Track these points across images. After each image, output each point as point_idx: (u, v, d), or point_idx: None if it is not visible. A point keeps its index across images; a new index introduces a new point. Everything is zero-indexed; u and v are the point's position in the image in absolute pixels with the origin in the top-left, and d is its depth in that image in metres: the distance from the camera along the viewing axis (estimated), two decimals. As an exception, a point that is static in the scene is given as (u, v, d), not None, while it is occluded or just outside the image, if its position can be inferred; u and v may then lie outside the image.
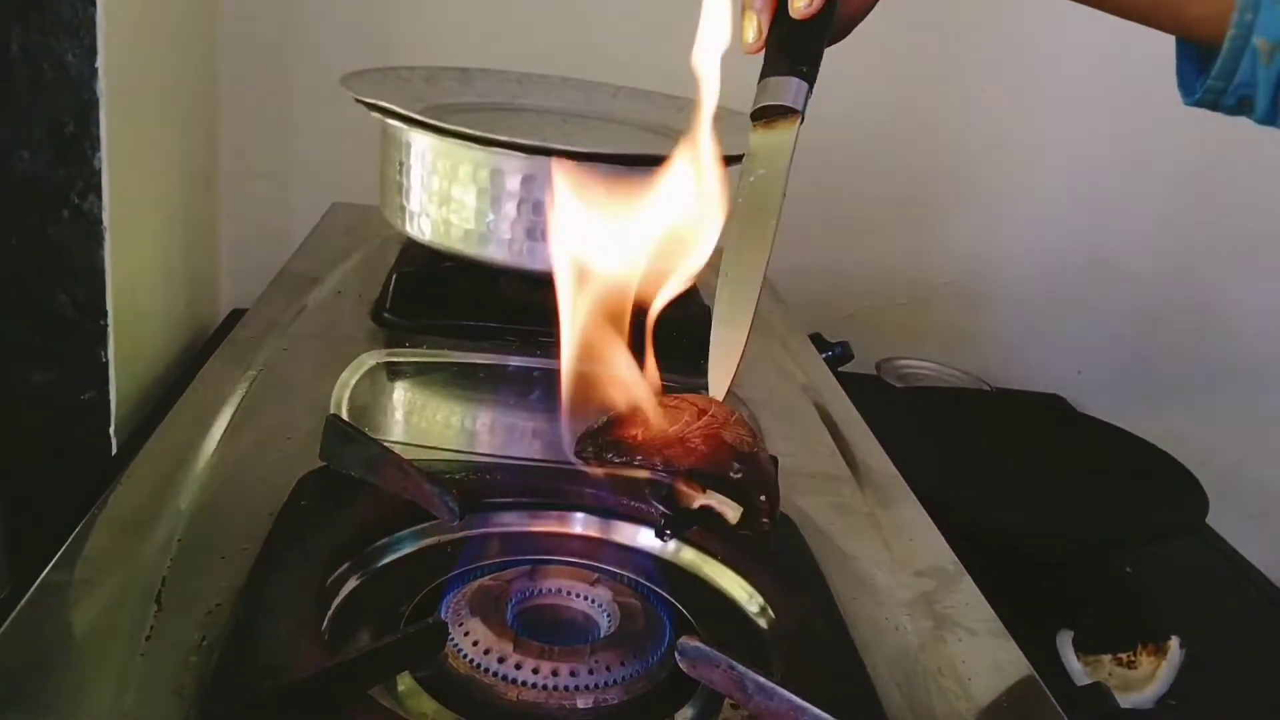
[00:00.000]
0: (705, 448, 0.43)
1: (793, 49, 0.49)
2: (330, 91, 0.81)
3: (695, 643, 0.43)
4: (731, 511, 0.45)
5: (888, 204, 1.26)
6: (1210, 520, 0.89)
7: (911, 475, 0.70)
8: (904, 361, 1.22)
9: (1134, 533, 0.87)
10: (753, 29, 0.51)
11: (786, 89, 0.48)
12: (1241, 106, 0.53)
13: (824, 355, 0.91)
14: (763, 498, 0.44)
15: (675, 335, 0.47)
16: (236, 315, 0.91)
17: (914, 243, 1.29)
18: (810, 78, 0.49)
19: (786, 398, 0.78)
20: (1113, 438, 1.00)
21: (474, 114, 0.87)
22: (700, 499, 0.45)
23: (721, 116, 0.94)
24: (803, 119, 0.48)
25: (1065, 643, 0.73)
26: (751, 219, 0.48)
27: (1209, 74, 0.53)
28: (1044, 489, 0.93)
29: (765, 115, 0.49)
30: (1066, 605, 0.80)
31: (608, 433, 0.45)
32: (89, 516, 0.51)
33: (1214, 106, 0.54)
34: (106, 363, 0.82)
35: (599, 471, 0.46)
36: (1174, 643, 0.72)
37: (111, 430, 0.83)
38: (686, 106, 0.93)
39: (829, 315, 1.14)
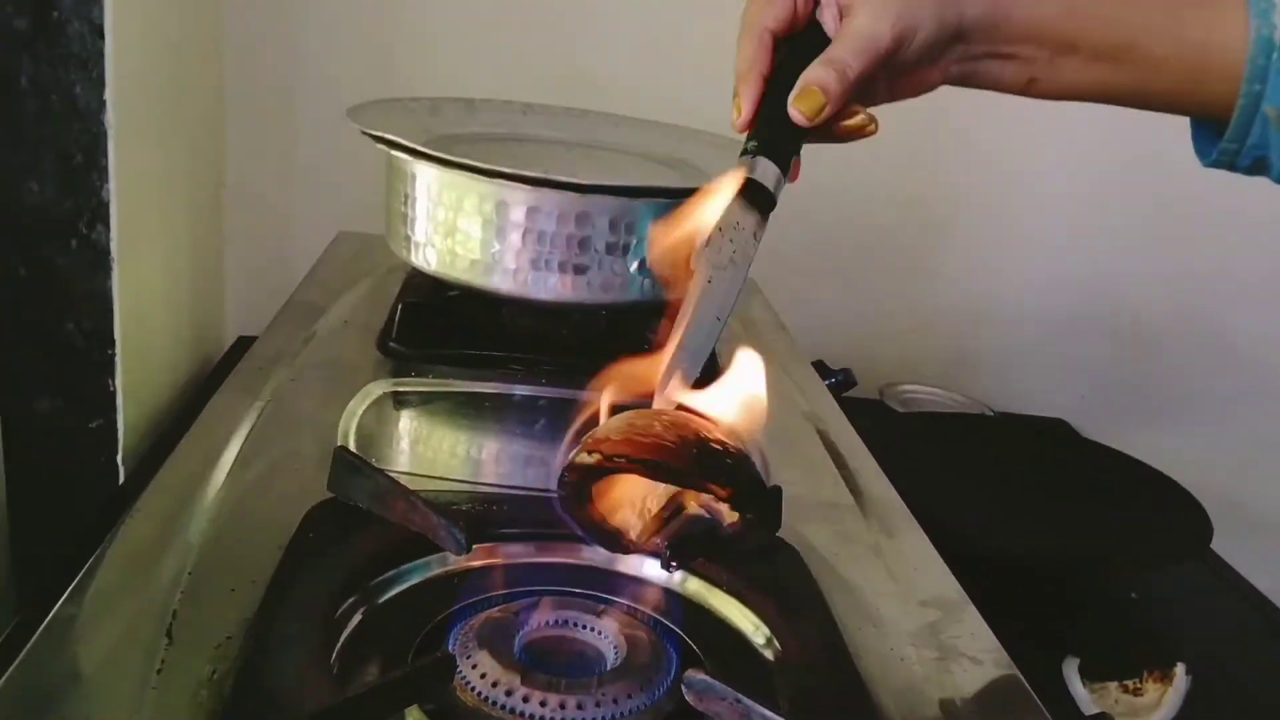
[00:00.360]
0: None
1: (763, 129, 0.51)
2: (335, 122, 0.82)
3: (701, 676, 0.44)
4: (726, 513, 0.45)
5: (889, 230, 1.27)
6: (1214, 545, 0.89)
7: (914, 501, 0.70)
8: (907, 386, 1.22)
9: (1137, 558, 0.87)
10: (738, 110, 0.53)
11: (754, 166, 0.49)
12: (1257, 168, 0.55)
13: (827, 382, 0.91)
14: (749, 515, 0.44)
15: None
16: (243, 342, 0.92)
17: (916, 267, 1.30)
18: (773, 155, 0.50)
19: (789, 425, 0.78)
20: (1116, 462, 1.01)
21: (479, 145, 0.87)
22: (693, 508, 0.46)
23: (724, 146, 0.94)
24: (761, 191, 0.49)
25: (1071, 670, 0.73)
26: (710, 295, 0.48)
27: (1223, 138, 0.54)
28: (1047, 514, 0.93)
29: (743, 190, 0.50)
30: (1072, 632, 0.80)
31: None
32: (100, 550, 0.51)
33: (1230, 168, 0.55)
34: (114, 391, 0.82)
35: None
36: (1179, 670, 0.72)
37: (119, 458, 0.84)
38: (689, 136, 0.94)
39: (831, 341, 1.14)
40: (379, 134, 0.77)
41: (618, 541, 0.47)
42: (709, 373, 0.46)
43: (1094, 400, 1.32)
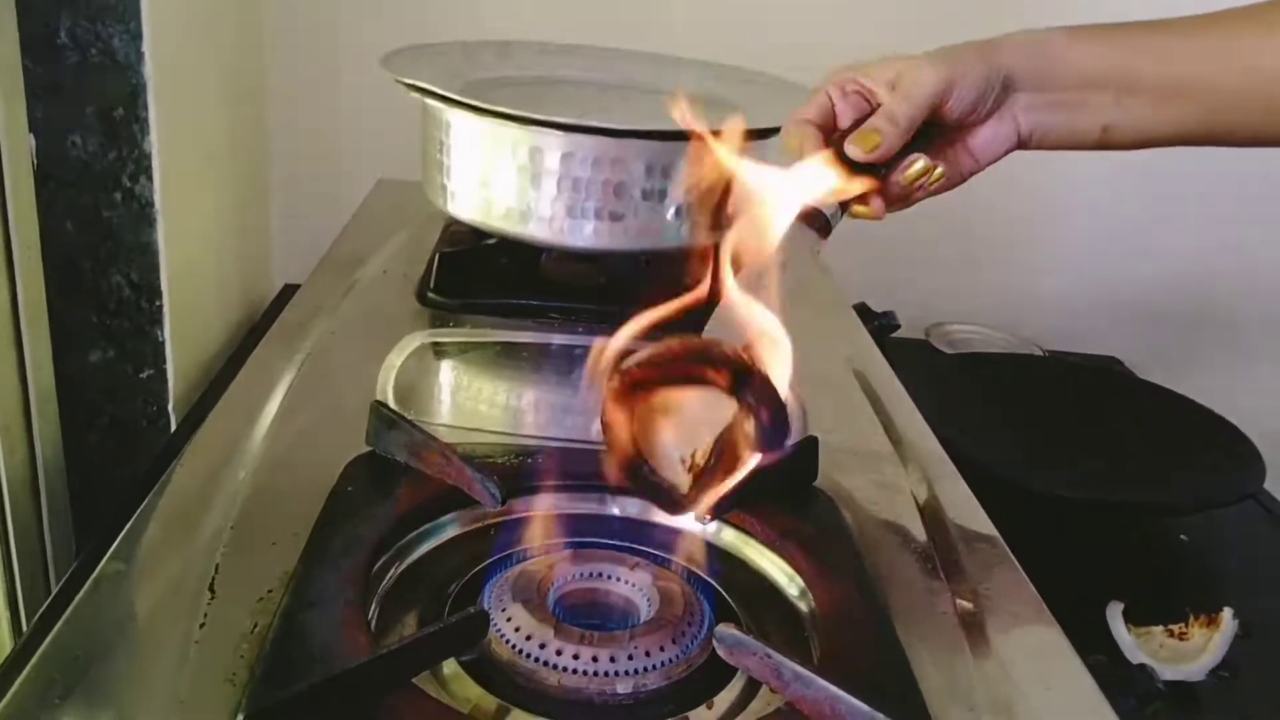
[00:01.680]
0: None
1: None
2: (375, 68, 0.81)
3: (732, 630, 0.44)
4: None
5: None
6: (1270, 485, 0.88)
7: (961, 443, 0.69)
8: (954, 326, 1.20)
9: (1187, 500, 0.86)
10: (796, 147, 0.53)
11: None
12: None
13: (870, 326, 0.90)
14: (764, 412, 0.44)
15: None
16: (290, 289, 0.92)
17: (963, 203, 1.26)
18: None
19: (829, 371, 0.77)
20: (1168, 402, 0.99)
21: (513, 89, 0.86)
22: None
23: (779, 87, 0.92)
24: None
25: (1115, 615, 0.72)
26: None
27: None
28: (1096, 456, 0.92)
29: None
30: (1119, 575, 0.79)
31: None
32: (144, 505, 0.52)
33: None
34: (163, 341, 0.84)
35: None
36: (1226, 614, 0.71)
37: (170, 407, 0.86)
38: (729, 74, 0.92)
39: (877, 281, 1.12)
40: (412, 81, 0.76)
41: (669, 498, 0.47)
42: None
43: (1148, 338, 1.29)
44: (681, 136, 0.75)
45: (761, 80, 0.91)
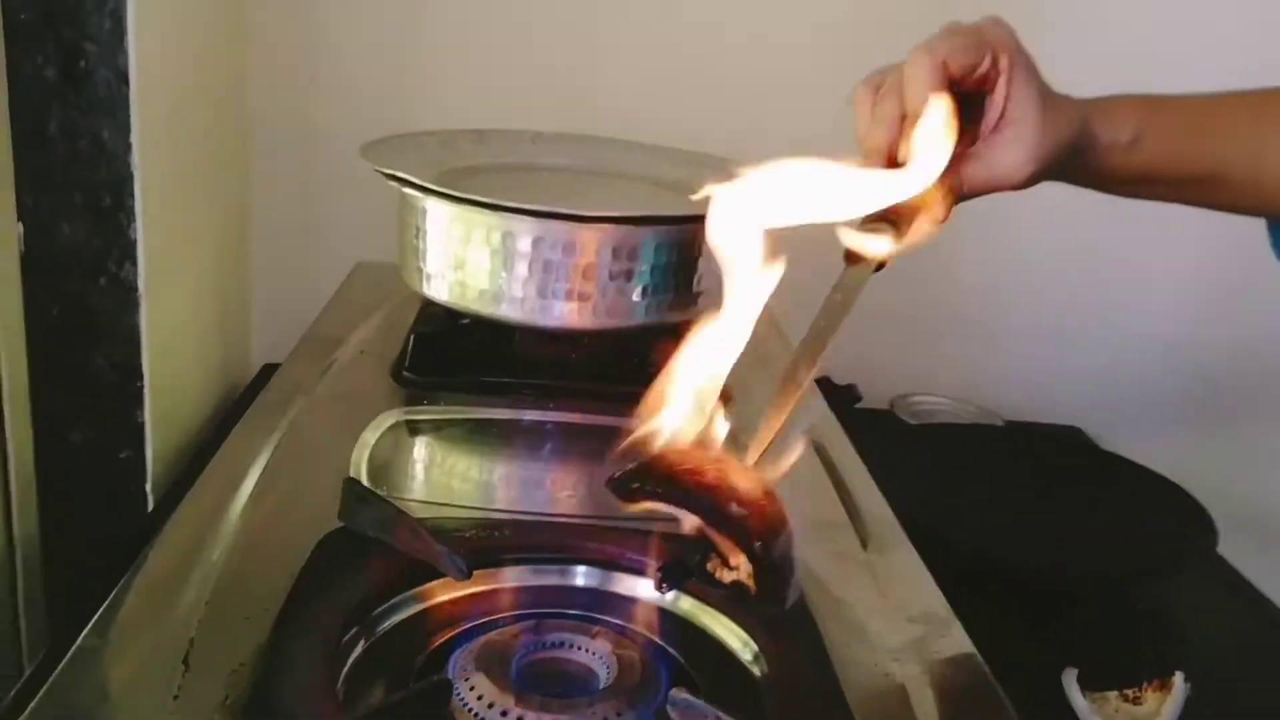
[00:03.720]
0: (748, 507, 0.46)
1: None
2: (354, 155, 0.85)
3: (685, 695, 0.46)
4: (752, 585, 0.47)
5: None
6: (1227, 551, 0.90)
7: (920, 515, 0.71)
8: (919, 398, 1.23)
9: (1135, 569, 0.88)
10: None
11: (876, 242, 0.54)
12: None
13: (833, 398, 0.93)
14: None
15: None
16: (269, 369, 0.95)
17: (926, 275, 1.30)
18: (901, 235, 0.55)
19: (788, 442, 0.79)
20: (1122, 470, 1.01)
21: (488, 176, 0.90)
22: (732, 573, 0.47)
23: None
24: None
25: (1070, 681, 0.74)
26: (816, 334, 0.56)
27: None
28: (1050, 525, 0.94)
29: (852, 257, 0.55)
30: (1075, 641, 0.81)
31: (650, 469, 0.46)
32: (123, 582, 0.54)
33: None
34: (143, 423, 0.85)
35: (637, 508, 0.46)
36: (1178, 678, 0.73)
37: (148, 487, 0.87)
38: (696, 160, 0.96)
39: (840, 353, 1.15)
40: (389, 171, 0.79)
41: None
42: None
43: (1109, 407, 1.32)
44: (646, 222, 0.80)
45: (731, 169, 0.95)
